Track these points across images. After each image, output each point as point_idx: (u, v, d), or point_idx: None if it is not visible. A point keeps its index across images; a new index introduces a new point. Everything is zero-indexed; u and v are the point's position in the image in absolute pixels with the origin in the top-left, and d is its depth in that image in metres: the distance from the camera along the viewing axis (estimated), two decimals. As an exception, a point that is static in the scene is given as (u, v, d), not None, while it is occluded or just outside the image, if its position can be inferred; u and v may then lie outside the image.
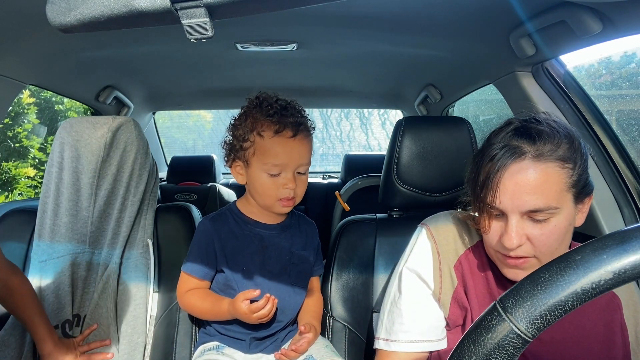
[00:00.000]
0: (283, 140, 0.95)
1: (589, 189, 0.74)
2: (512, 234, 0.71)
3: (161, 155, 3.19)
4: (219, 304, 1.00)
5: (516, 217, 0.71)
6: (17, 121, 3.96)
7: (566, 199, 0.71)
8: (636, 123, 1.59)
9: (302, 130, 0.97)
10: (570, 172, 0.71)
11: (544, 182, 0.69)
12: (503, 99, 1.39)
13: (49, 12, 0.43)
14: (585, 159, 0.73)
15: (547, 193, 0.69)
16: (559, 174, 0.70)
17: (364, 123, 4.73)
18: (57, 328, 1.12)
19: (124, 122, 1.19)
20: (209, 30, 0.43)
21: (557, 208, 0.70)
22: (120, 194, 1.19)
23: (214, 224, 1.06)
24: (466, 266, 0.81)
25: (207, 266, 1.04)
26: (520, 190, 0.70)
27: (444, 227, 0.86)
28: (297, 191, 0.99)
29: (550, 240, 0.71)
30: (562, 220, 0.71)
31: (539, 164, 0.70)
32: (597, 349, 0.76)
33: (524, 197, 0.69)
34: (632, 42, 0.93)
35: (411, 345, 0.79)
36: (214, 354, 1.04)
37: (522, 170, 0.70)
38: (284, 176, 0.96)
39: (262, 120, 0.96)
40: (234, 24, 1.20)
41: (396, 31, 1.22)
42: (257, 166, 0.97)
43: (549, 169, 0.70)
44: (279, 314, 1.05)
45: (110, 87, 1.95)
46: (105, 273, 1.17)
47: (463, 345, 0.39)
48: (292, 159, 0.96)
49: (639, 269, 0.35)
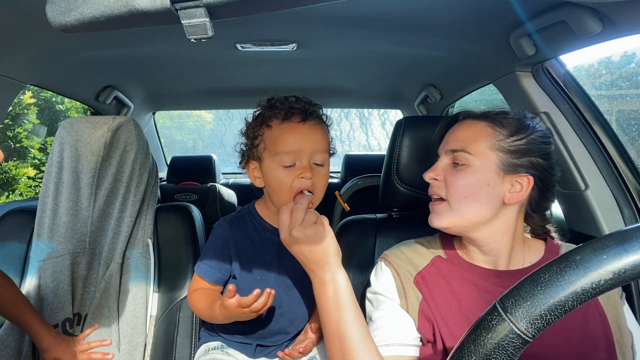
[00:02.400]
0: (292, 125, 0.90)
1: (524, 169, 0.80)
2: (434, 167, 0.85)
3: (161, 155, 3.19)
4: (214, 304, 0.94)
5: (444, 158, 0.85)
6: (17, 121, 3.96)
7: (487, 157, 0.79)
8: (636, 123, 1.59)
9: (312, 116, 0.91)
10: (500, 136, 0.80)
11: (471, 134, 0.82)
12: (503, 99, 1.39)
13: (49, 12, 0.43)
14: (533, 144, 0.80)
15: (468, 141, 0.81)
16: (487, 132, 0.81)
17: (364, 123, 4.73)
18: (57, 327, 1.12)
19: (124, 122, 1.19)
20: (209, 30, 0.43)
21: (472, 155, 0.80)
22: (121, 193, 1.19)
23: (232, 228, 1.01)
24: (424, 282, 0.85)
25: (220, 271, 1.00)
26: (452, 136, 0.85)
27: (399, 252, 0.91)
28: (315, 182, 0.91)
29: (459, 183, 0.80)
30: (477, 174, 0.79)
31: (474, 121, 0.84)
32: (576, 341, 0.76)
33: (452, 140, 0.84)
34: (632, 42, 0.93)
35: (385, 348, 0.79)
36: (218, 353, 1.02)
37: (462, 124, 0.86)
38: (298, 165, 0.90)
39: (270, 114, 0.93)
40: (234, 24, 1.20)
41: (396, 31, 1.22)
42: (270, 159, 0.92)
43: (479, 125, 0.82)
44: (287, 326, 1.02)
45: (110, 87, 1.95)
46: (107, 273, 1.17)
47: (463, 345, 0.39)
48: (303, 144, 0.89)
49: (639, 269, 0.35)
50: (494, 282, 0.81)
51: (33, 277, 1.13)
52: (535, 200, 0.83)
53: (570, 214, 1.26)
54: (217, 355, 1.02)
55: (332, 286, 0.76)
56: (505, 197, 0.79)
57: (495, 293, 0.79)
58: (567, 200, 1.25)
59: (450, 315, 0.80)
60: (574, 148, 1.18)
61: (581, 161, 1.17)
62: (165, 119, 3.81)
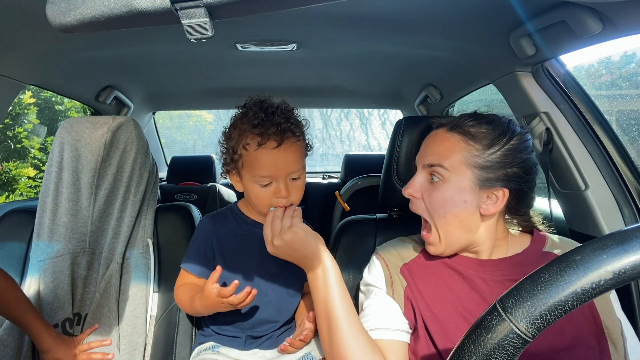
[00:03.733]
0: (267, 152, 0.93)
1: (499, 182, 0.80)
2: (412, 183, 0.86)
3: (161, 155, 3.19)
4: (194, 300, 0.98)
5: (421, 173, 0.86)
6: (17, 121, 3.96)
7: (462, 173, 0.80)
8: (636, 123, 1.59)
9: (287, 138, 0.93)
10: (474, 151, 0.80)
11: (447, 148, 0.82)
12: (503, 99, 1.39)
13: (49, 12, 0.43)
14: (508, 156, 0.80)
15: (444, 155, 0.82)
16: (461, 147, 0.81)
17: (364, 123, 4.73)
18: (57, 327, 1.12)
19: (124, 122, 1.19)
20: (209, 30, 0.43)
21: (448, 171, 0.80)
22: (121, 193, 1.19)
23: (213, 223, 1.07)
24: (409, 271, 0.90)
25: (204, 264, 1.05)
26: (427, 149, 0.86)
27: (389, 246, 0.97)
28: (291, 198, 0.97)
29: (435, 199, 0.82)
30: (453, 189, 0.80)
31: (447, 133, 0.84)
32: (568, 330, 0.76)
33: (428, 154, 0.85)
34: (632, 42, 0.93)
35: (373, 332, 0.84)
36: (209, 353, 1.04)
37: (436, 134, 0.86)
38: (275, 186, 0.95)
39: (247, 133, 0.94)
40: (234, 24, 1.20)
41: (396, 31, 1.22)
42: (248, 178, 0.97)
43: (453, 139, 0.82)
44: (275, 315, 1.06)
45: (110, 87, 1.95)
46: (107, 273, 1.17)
47: (463, 345, 0.39)
48: (279, 169, 0.94)
49: (639, 269, 0.35)
50: (477, 270, 0.85)
51: (33, 277, 1.13)
52: (512, 207, 0.85)
53: (570, 214, 1.26)
54: (207, 356, 1.03)
55: (320, 269, 0.87)
56: (481, 209, 0.81)
57: (478, 281, 0.83)
58: (567, 200, 1.25)
59: (435, 302, 0.84)
60: (574, 148, 1.18)
61: (581, 161, 1.17)
62: (165, 119, 3.81)
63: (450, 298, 0.83)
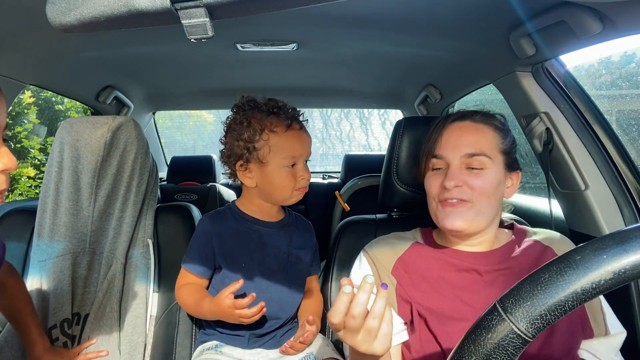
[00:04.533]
0: (295, 133, 1.02)
1: (517, 165, 0.90)
2: (453, 173, 0.85)
3: (161, 155, 3.19)
4: (201, 302, 1.00)
5: (456, 164, 0.85)
6: (17, 121, 3.96)
7: (497, 158, 0.85)
8: (636, 123, 1.59)
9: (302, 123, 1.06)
10: (501, 139, 0.87)
11: (480, 136, 0.86)
12: (503, 99, 1.39)
13: (49, 12, 0.43)
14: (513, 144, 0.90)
15: (482, 143, 0.85)
16: (493, 135, 0.87)
17: (364, 123, 4.73)
18: (55, 327, 1.12)
19: (124, 122, 1.19)
20: (209, 30, 0.43)
21: (489, 158, 0.84)
22: (121, 193, 1.19)
23: (212, 222, 1.07)
24: (404, 266, 0.91)
25: (205, 264, 1.05)
26: (460, 140, 0.86)
27: (378, 242, 0.98)
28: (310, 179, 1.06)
29: (485, 184, 0.83)
30: (494, 174, 0.84)
31: (476, 124, 0.88)
32: None
33: (464, 143, 0.85)
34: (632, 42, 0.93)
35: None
36: (212, 353, 1.04)
37: (463, 127, 0.88)
38: (297, 167, 1.03)
39: (269, 119, 1.01)
40: (234, 24, 1.20)
41: (396, 31, 1.22)
42: (276, 162, 1.01)
43: (484, 128, 0.87)
44: (278, 311, 1.06)
45: (110, 87, 1.95)
46: (109, 273, 1.17)
47: (463, 345, 0.39)
48: (305, 147, 1.04)
49: (639, 269, 0.35)
50: (469, 261, 0.87)
51: (34, 278, 1.13)
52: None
53: (570, 214, 1.26)
54: (210, 355, 1.03)
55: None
56: (505, 192, 0.88)
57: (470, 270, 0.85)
58: (567, 200, 1.25)
59: (432, 292, 0.85)
60: (574, 148, 1.18)
61: (581, 161, 1.17)
62: (165, 119, 3.81)
63: (447, 289, 0.85)
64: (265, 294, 1.03)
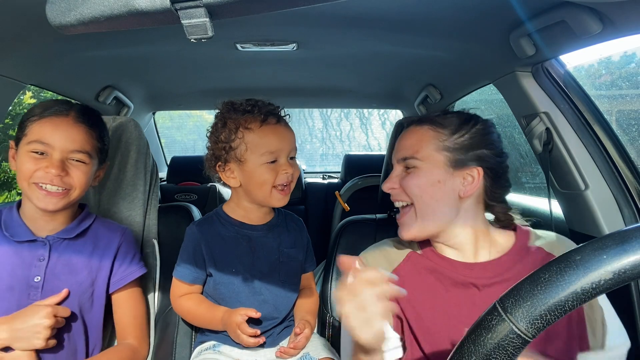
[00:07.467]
0: (271, 127, 1.01)
1: (472, 162, 0.85)
2: (390, 177, 0.90)
3: (161, 155, 3.19)
4: (214, 310, 1.03)
5: (397, 167, 0.90)
6: (17, 121, 3.96)
7: (434, 158, 0.85)
8: (636, 123, 1.59)
9: (281, 118, 1.04)
10: (443, 136, 0.85)
11: (415, 140, 0.88)
12: (503, 99, 1.39)
13: (49, 12, 0.43)
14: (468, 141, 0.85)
15: (415, 146, 0.87)
16: (430, 135, 0.86)
17: (364, 123, 4.73)
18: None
19: (124, 122, 1.19)
20: (209, 30, 0.43)
21: (420, 160, 0.85)
22: (126, 193, 1.19)
23: (200, 229, 1.07)
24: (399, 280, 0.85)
25: (195, 271, 1.06)
26: (399, 145, 0.91)
27: (373, 253, 0.96)
28: (294, 174, 1.04)
29: (411, 184, 0.85)
30: (429, 174, 0.84)
31: (417, 126, 0.89)
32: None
33: (400, 149, 0.90)
34: (632, 42, 0.93)
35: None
36: (210, 353, 1.04)
37: (406, 132, 0.91)
38: (279, 162, 1.01)
39: (244, 117, 1.00)
40: (234, 24, 1.20)
41: (396, 31, 1.22)
42: (254, 159, 0.99)
43: (422, 129, 0.88)
44: (273, 312, 1.06)
45: (110, 87, 1.94)
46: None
47: (463, 345, 0.39)
48: (283, 142, 1.01)
49: (638, 269, 0.35)
50: (466, 274, 0.84)
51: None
52: (489, 190, 0.87)
53: (570, 214, 1.26)
54: (208, 355, 1.04)
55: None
56: (460, 191, 0.85)
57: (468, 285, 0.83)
58: (567, 200, 1.25)
59: (425, 309, 0.83)
60: (574, 148, 1.18)
61: (581, 161, 1.17)
62: (165, 119, 3.81)
63: (441, 307, 0.82)
64: (258, 296, 1.03)
